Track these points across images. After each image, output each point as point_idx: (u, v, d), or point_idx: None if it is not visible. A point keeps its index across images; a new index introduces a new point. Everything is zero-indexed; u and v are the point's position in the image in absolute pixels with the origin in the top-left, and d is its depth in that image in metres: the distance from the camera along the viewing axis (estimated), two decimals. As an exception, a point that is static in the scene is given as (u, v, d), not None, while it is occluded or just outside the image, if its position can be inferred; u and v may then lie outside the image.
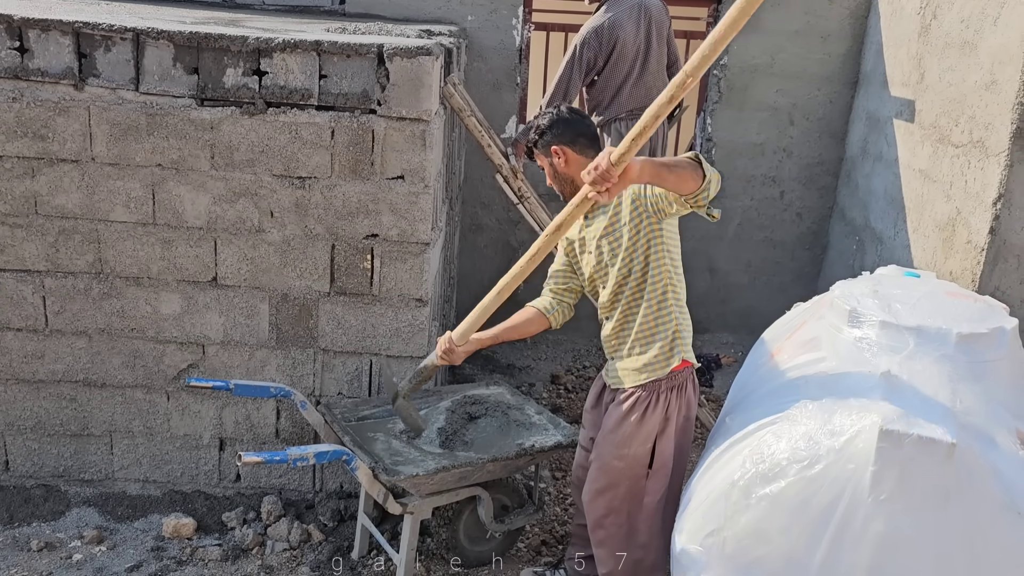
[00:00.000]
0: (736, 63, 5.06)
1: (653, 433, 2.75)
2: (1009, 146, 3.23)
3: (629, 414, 2.75)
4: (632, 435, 2.75)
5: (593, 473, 2.87)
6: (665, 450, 2.77)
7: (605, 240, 2.77)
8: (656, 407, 2.74)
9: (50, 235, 3.38)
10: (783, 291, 5.29)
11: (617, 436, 2.78)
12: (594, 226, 2.82)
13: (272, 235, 3.40)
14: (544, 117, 2.84)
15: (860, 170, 4.93)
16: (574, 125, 2.81)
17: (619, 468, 2.79)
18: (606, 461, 2.82)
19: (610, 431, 2.81)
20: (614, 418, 2.80)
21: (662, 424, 2.74)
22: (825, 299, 2.87)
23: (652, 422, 2.74)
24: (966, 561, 2.10)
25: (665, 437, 2.76)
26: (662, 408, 2.74)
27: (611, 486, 2.82)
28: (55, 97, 3.24)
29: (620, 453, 2.77)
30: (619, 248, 2.73)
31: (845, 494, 2.18)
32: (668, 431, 2.76)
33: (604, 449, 2.83)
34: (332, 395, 3.58)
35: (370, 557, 3.35)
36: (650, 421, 2.73)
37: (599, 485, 2.84)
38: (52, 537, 3.39)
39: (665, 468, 2.79)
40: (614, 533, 2.86)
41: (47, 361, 3.51)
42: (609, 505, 2.84)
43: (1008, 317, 2.61)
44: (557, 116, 2.82)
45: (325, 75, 3.24)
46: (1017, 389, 2.46)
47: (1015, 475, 2.17)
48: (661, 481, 2.80)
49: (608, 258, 2.77)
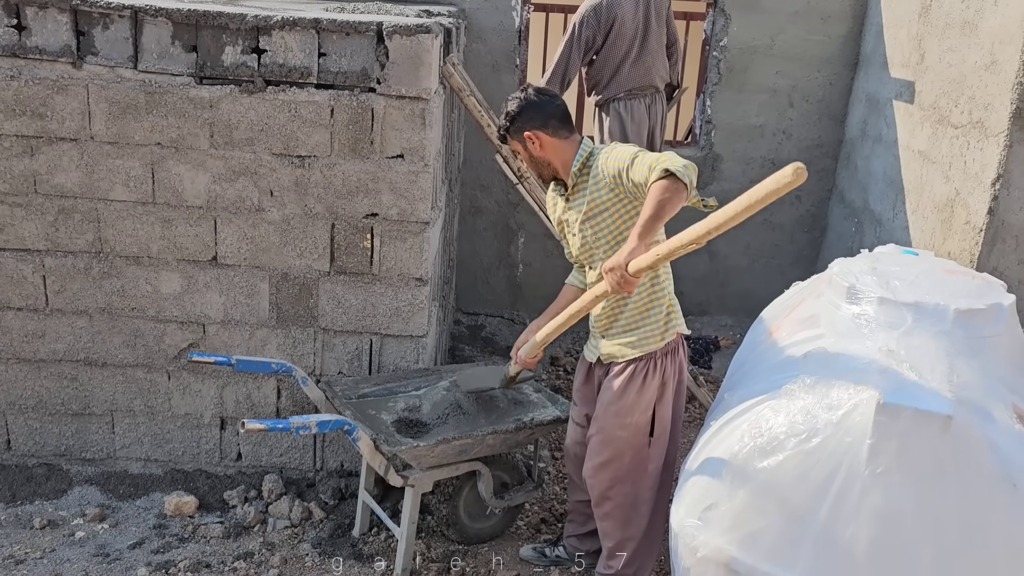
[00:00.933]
0: (736, 44, 5.05)
1: (653, 400, 2.80)
2: (1008, 126, 3.23)
3: (629, 384, 2.79)
4: (634, 404, 2.79)
5: (595, 447, 2.90)
6: (664, 415, 2.84)
7: (588, 225, 2.76)
8: (655, 374, 2.79)
9: (49, 214, 3.38)
10: (782, 273, 5.30)
11: (619, 407, 2.81)
12: (574, 210, 2.81)
13: (272, 214, 3.40)
14: (512, 102, 2.78)
15: (859, 152, 4.93)
16: (543, 107, 2.75)
17: (623, 438, 2.82)
18: (609, 433, 2.84)
19: (610, 402, 2.83)
20: (614, 390, 2.82)
21: (660, 390, 2.80)
22: (824, 277, 2.88)
23: (651, 389, 2.79)
24: (962, 532, 2.11)
25: (663, 403, 2.83)
26: (659, 374, 2.79)
27: (615, 457, 2.85)
28: (53, 75, 3.23)
29: (623, 423, 2.81)
30: (605, 233, 2.72)
31: (842, 467, 2.20)
32: (666, 396, 2.82)
33: (606, 421, 2.85)
34: (332, 374, 3.59)
35: (371, 534, 3.38)
36: (650, 388, 2.78)
37: (603, 458, 2.87)
38: (54, 515, 3.41)
39: (665, 434, 2.86)
40: (620, 503, 2.90)
41: (48, 340, 3.52)
42: (614, 476, 2.87)
43: (1006, 294, 2.62)
44: (526, 100, 2.75)
45: (324, 53, 3.23)
46: (1014, 365, 2.47)
47: (1011, 448, 2.18)
48: (662, 447, 2.86)
49: (593, 242, 2.77)
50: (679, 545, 2.47)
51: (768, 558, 2.26)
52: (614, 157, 2.65)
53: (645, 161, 2.54)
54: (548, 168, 2.82)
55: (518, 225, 5.35)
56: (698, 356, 5.07)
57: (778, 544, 2.25)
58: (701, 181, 5.27)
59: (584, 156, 2.75)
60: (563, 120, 2.77)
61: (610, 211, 2.69)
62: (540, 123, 2.74)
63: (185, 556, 3.20)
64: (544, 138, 2.75)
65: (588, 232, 2.76)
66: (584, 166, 2.76)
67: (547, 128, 2.75)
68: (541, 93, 2.79)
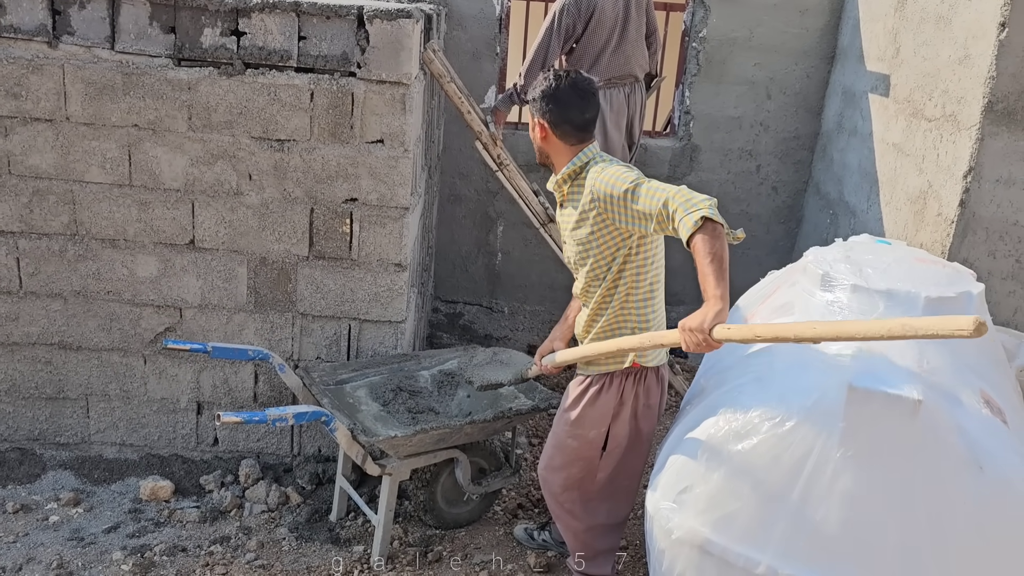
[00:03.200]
0: (715, 36, 5.08)
1: (607, 416, 2.74)
2: (980, 120, 3.28)
3: (583, 397, 2.76)
4: (583, 417, 2.75)
5: (548, 449, 2.89)
6: (619, 433, 2.76)
7: (573, 238, 2.68)
8: (610, 390, 2.72)
9: (24, 195, 3.34)
10: (758, 264, 5.33)
11: (570, 416, 2.78)
12: (565, 217, 2.72)
13: (250, 198, 3.39)
14: (544, 83, 2.61)
15: (835, 144, 4.99)
16: (566, 110, 2.59)
17: (573, 448, 2.81)
18: (560, 440, 2.84)
19: (565, 410, 2.82)
20: (569, 399, 2.80)
21: (616, 408, 2.73)
22: (798, 265, 2.92)
23: (606, 405, 2.72)
24: (929, 513, 2.16)
25: (619, 421, 2.75)
26: (616, 392, 2.71)
27: (565, 465, 2.84)
28: (28, 55, 3.19)
29: (575, 433, 2.79)
30: (592, 251, 2.62)
31: (815, 450, 2.23)
32: (623, 415, 2.74)
33: (559, 428, 2.84)
34: (310, 359, 3.59)
35: (348, 519, 3.38)
36: (603, 403, 2.72)
37: (555, 462, 2.86)
38: (28, 499, 3.39)
39: (619, 449, 2.79)
40: (570, 508, 2.90)
41: (21, 323, 3.48)
42: (565, 483, 2.86)
43: (975, 282, 2.67)
44: (554, 92, 2.58)
45: (304, 37, 3.22)
46: (982, 352, 2.53)
47: (978, 432, 2.23)
48: (614, 460, 2.81)
49: (576, 255, 2.69)
50: (654, 527, 2.50)
51: (741, 539, 2.30)
52: (606, 178, 2.51)
53: (656, 195, 2.39)
54: (542, 155, 2.73)
55: (497, 213, 5.35)
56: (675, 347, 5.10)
57: (751, 525, 2.29)
58: (679, 172, 5.32)
59: (576, 167, 2.63)
60: (579, 128, 2.61)
61: (595, 232, 2.59)
62: (553, 121, 2.61)
63: (161, 540, 3.19)
64: (550, 135, 2.64)
65: (572, 243, 2.69)
66: (576, 176, 2.65)
67: (557, 128, 2.61)
68: (574, 92, 2.60)
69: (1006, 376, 2.66)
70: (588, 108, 2.62)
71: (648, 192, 2.41)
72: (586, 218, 2.59)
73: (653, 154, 5.26)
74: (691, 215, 2.27)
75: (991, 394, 2.40)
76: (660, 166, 5.29)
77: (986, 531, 2.16)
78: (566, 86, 2.59)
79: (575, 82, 2.61)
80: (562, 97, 2.59)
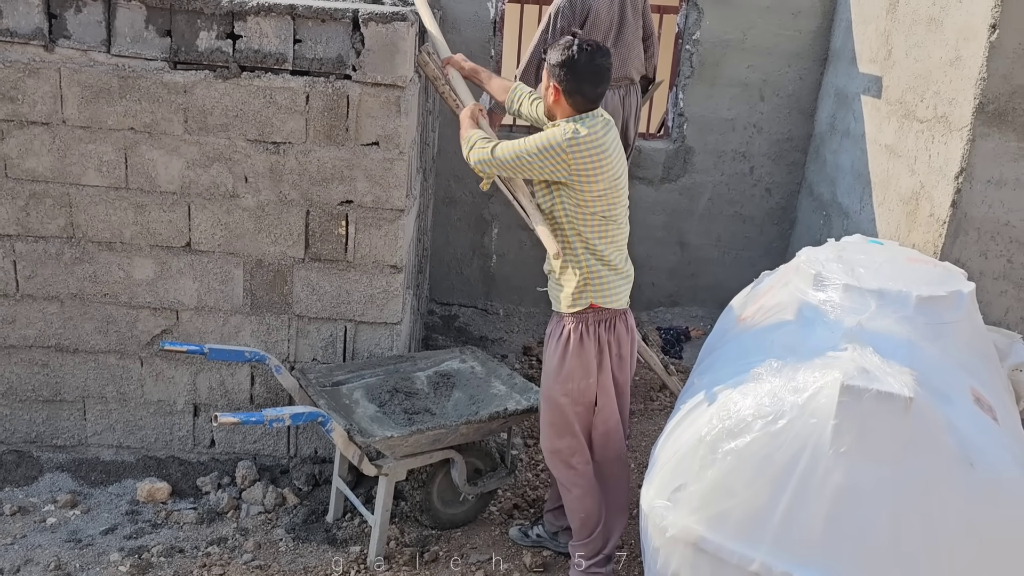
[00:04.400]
0: (708, 38, 5.11)
1: (593, 367, 2.86)
2: (972, 121, 3.31)
3: (567, 349, 2.86)
4: (573, 370, 2.87)
5: (546, 416, 3.00)
6: (606, 383, 2.90)
7: None
8: (588, 337, 2.85)
9: (20, 198, 3.35)
10: (752, 265, 5.37)
11: (560, 373, 2.89)
12: None
13: (246, 200, 3.40)
14: (564, 49, 2.72)
15: (828, 146, 5.02)
16: (581, 83, 2.72)
17: (567, 406, 2.92)
18: (555, 401, 2.94)
19: (553, 370, 2.91)
20: (554, 357, 2.90)
21: (598, 356, 2.86)
22: (791, 266, 2.95)
23: (588, 353, 2.85)
24: (921, 509, 2.18)
25: (603, 371, 2.88)
26: (593, 339, 2.85)
27: (567, 427, 2.95)
28: (24, 58, 3.20)
29: (566, 389, 2.90)
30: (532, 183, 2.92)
31: (807, 448, 2.26)
32: (604, 363, 2.88)
33: (551, 391, 2.94)
34: (307, 361, 3.60)
35: (345, 519, 3.40)
36: (586, 352, 2.85)
37: (555, 430, 2.98)
38: (25, 501, 3.39)
39: (610, 403, 2.92)
40: (581, 481, 2.98)
41: (18, 326, 3.49)
42: (571, 442, 2.96)
43: (966, 282, 2.70)
44: (573, 62, 2.70)
45: (300, 40, 3.23)
46: (972, 350, 2.55)
47: (968, 429, 2.26)
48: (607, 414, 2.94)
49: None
50: (648, 525, 2.52)
51: (735, 537, 2.32)
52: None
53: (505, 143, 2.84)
54: (551, 115, 2.86)
55: (492, 216, 5.37)
56: (669, 346, 5.13)
57: (745, 523, 2.31)
58: (673, 174, 5.35)
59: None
60: (590, 100, 2.76)
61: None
62: (568, 88, 2.73)
63: (158, 541, 3.20)
64: (562, 99, 2.76)
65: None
66: None
67: (571, 97, 2.74)
68: (591, 66, 2.72)
69: (997, 374, 2.69)
70: (601, 83, 2.76)
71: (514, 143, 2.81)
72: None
73: (647, 156, 5.29)
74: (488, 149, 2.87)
75: (981, 392, 2.43)
76: (654, 168, 5.31)
77: (977, 527, 2.18)
78: (585, 60, 2.71)
79: (593, 56, 2.73)
80: (580, 70, 2.71)
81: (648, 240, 5.40)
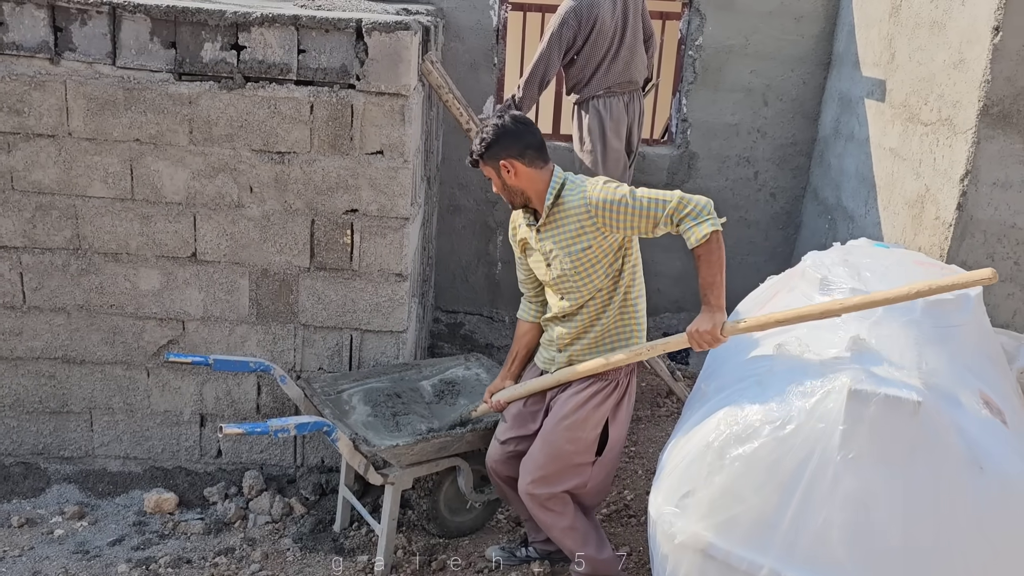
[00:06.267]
0: (711, 44, 5.11)
1: (605, 417, 2.82)
2: (976, 123, 3.30)
3: (589, 400, 2.80)
4: (588, 418, 2.80)
5: (540, 459, 2.85)
6: (615, 435, 2.86)
7: (567, 254, 2.74)
8: (615, 391, 2.81)
9: (27, 211, 3.36)
10: (756, 270, 5.36)
11: (572, 421, 2.81)
12: (549, 240, 2.78)
13: (252, 210, 3.41)
14: (489, 129, 2.73)
15: (832, 150, 5.01)
16: (521, 137, 2.72)
17: (569, 453, 2.83)
18: (558, 447, 2.83)
19: (564, 416, 2.82)
20: (571, 404, 2.82)
21: (615, 409, 2.82)
22: (797, 270, 2.94)
23: (607, 407, 2.81)
24: (931, 513, 2.17)
25: (617, 422, 2.84)
26: (620, 391, 2.82)
27: (559, 474, 2.84)
28: (31, 71, 3.22)
29: (574, 436, 2.81)
30: (587, 264, 2.71)
31: (815, 453, 2.24)
32: (620, 416, 2.84)
33: (555, 436, 2.83)
34: (312, 370, 3.60)
35: (352, 529, 3.39)
36: (605, 406, 2.81)
37: (547, 472, 2.84)
38: (33, 513, 3.39)
39: (613, 452, 2.87)
40: (561, 511, 2.90)
41: (25, 338, 3.50)
42: (551, 491, 2.86)
43: (973, 285, 2.68)
44: (503, 128, 2.72)
45: (304, 50, 3.25)
46: (980, 353, 2.54)
47: (978, 433, 2.24)
48: (607, 467, 2.89)
49: (572, 272, 2.74)
50: (657, 532, 2.51)
51: (744, 543, 2.30)
52: (602, 187, 2.66)
53: (662, 197, 2.59)
54: (520, 196, 2.80)
55: (496, 223, 5.37)
56: (675, 352, 5.12)
57: (754, 529, 2.29)
58: (677, 179, 5.34)
59: (557, 187, 2.74)
60: (539, 150, 2.75)
61: (592, 245, 2.69)
62: (517, 152, 2.71)
63: (166, 552, 3.20)
64: (519, 167, 2.72)
65: (566, 260, 2.75)
66: (558, 196, 2.74)
67: (523, 158, 2.72)
68: (518, 122, 2.76)
69: (1005, 377, 2.67)
70: (536, 131, 2.80)
71: (647, 195, 2.61)
72: (582, 231, 2.69)
73: (651, 162, 5.28)
74: (702, 225, 2.52)
75: (990, 395, 2.41)
76: (658, 174, 5.31)
77: (987, 531, 2.17)
78: (508, 121, 2.75)
79: (514, 116, 2.78)
80: (511, 129, 2.74)
81: (653, 246, 5.38)
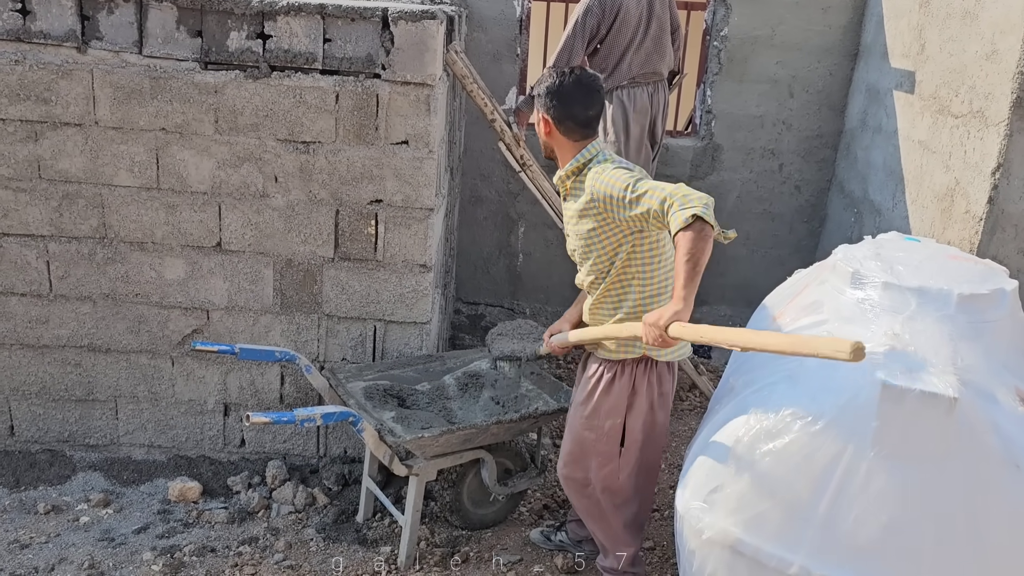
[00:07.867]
0: (736, 34, 5.06)
1: (622, 407, 2.75)
2: (1009, 116, 3.24)
3: (596, 386, 2.77)
4: (600, 407, 2.77)
5: (566, 446, 2.90)
6: (635, 427, 2.77)
7: (575, 232, 2.71)
8: (622, 378, 2.74)
9: (54, 199, 3.38)
10: (781, 264, 5.32)
11: (587, 408, 2.80)
12: (569, 208, 2.75)
13: (276, 200, 3.41)
14: (548, 79, 2.66)
15: (859, 142, 4.95)
16: (570, 105, 2.62)
17: (590, 440, 2.82)
18: (578, 433, 2.85)
19: (580, 403, 2.83)
20: (584, 391, 2.82)
21: (630, 398, 2.74)
22: (827, 263, 2.90)
23: (619, 394, 2.74)
24: (966, 513, 2.13)
25: (635, 412, 2.76)
26: (628, 380, 2.73)
27: (584, 458, 2.85)
28: (58, 60, 3.23)
29: (591, 424, 2.80)
30: (595, 247, 2.66)
31: (848, 449, 2.21)
32: (638, 405, 2.75)
33: (575, 422, 2.85)
34: (336, 361, 3.60)
35: (375, 519, 3.39)
36: (617, 392, 2.74)
37: (573, 457, 2.87)
38: (59, 500, 3.42)
39: (636, 445, 2.80)
40: (599, 507, 2.90)
41: (51, 326, 3.52)
42: (586, 480, 2.87)
43: (1008, 279, 2.64)
44: (559, 88, 2.62)
45: (329, 39, 3.23)
46: (1017, 349, 2.49)
47: (1014, 430, 2.21)
48: (633, 455, 2.82)
49: (582, 247, 2.71)
50: (684, 528, 2.49)
51: (773, 540, 2.28)
52: (605, 180, 2.55)
53: (654, 194, 2.42)
54: (548, 151, 2.78)
55: (518, 214, 5.35)
56: (698, 346, 5.08)
57: (783, 526, 2.27)
58: (701, 171, 5.29)
59: (579, 164, 2.67)
60: (582, 125, 2.65)
61: (596, 229, 2.62)
62: (556, 117, 2.64)
63: (190, 541, 3.21)
64: (553, 130, 2.68)
65: (575, 237, 2.73)
66: (580, 172, 2.69)
67: (561, 125, 2.66)
68: (579, 87, 2.62)
69: (1041, 374, 2.62)
70: (592, 105, 2.65)
71: (646, 190, 2.45)
72: (587, 214, 2.64)
73: (675, 153, 5.24)
74: (684, 211, 2.32)
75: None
76: (682, 166, 5.27)
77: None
78: (570, 82, 2.63)
79: (579, 79, 2.64)
80: (566, 93, 2.62)
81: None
